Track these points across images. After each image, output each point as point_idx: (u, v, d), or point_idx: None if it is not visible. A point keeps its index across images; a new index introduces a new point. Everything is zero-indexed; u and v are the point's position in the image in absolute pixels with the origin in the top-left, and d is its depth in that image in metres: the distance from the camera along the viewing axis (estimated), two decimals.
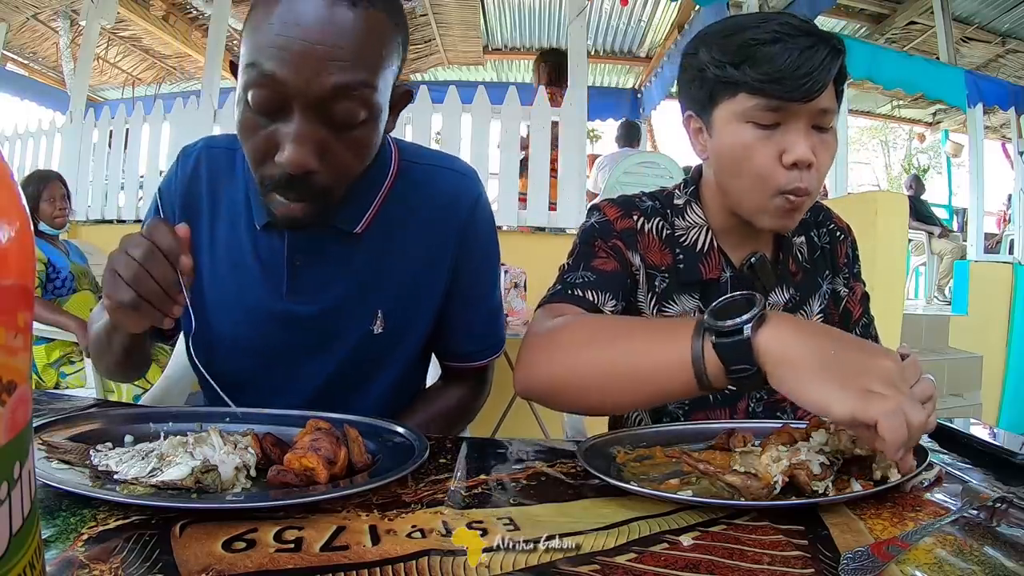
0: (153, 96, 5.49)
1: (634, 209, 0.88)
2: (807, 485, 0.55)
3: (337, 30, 0.65)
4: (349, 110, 0.67)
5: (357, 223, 0.81)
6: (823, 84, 0.72)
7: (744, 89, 0.74)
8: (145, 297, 0.63)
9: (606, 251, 0.84)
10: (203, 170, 0.86)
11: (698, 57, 0.79)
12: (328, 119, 0.67)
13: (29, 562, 0.26)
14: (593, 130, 7.47)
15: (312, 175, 0.68)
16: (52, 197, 2.49)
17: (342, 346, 0.84)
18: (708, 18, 4.18)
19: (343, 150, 0.69)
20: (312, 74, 0.64)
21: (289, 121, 0.66)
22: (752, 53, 0.73)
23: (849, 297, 0.95)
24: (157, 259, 0.63)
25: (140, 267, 0.62)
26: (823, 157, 0.77)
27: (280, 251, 0.81)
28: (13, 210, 0.26)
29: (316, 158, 0.67)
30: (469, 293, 0.90)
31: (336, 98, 0.66)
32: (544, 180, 3.04)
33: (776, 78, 0.72)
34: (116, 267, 0.63)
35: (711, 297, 0.85)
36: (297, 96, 0.65)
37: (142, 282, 0.62)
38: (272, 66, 0.64)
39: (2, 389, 0.24)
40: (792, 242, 0.90)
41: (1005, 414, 3.87)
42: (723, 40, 0.76)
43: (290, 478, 0.54)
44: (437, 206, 0.85)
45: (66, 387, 2.33)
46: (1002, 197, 6.51)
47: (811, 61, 0.71)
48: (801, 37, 0.72)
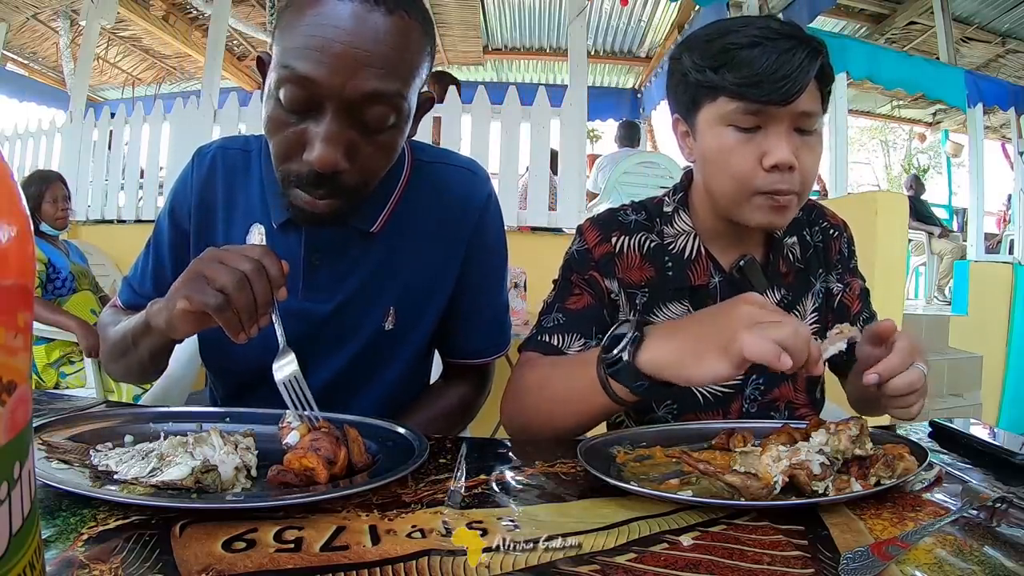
0: (153, 96, 5.50)
1: (615, 229, 0.88)
2: (807, 485, 0.55)
3: (374, 36, 0.66)
4: (381, 115, 0.68)
5: (374, 222, 0.82)
6: (801, 86, 0.73)
7: (724, 93, 0.75)
8: (236, 306, 0.62)
9: (581, 286, 0.87)
10: (219, 171, 0.87)
11: (682, 62, 0.80)
12: (359, 122, 0.68)
13: (29, 562, 0.26)
14: (593, 130, 7.48)
15: (339, 175, 0.69)
16: (54, 198, 2.49)
17: (354, 342, 0.85)
18: (708, 18, 4.18)
19: (371, 152, 0.70)
20: (348, 77, 0.65)
21: (320, 121, 0.67)
22: (731, 57, 0.74)
23: (844, 293, 0.95)
24: (262, 278, 0.63)
25: (244, 278, 0.62)
26: (806, 159, 0.77)
27: (297, 250, 0.82)
28: (13, 210, 0.26)
29: (345, 158, 0.68)
30: (478, 291, 0.91)
31: (369, 103, 0.67)
32: (544, 180, 3.04)
33: (754, 81, 0.73)
34: (209, 273, 0.62)
35: (701, 303, 0.85)
36: (331, 97, 0.66)
37: (241, 292, 0.62)
38: (308, 66, 0.65)
39: (2, 389, 0.24)
40: (783, 243, 0.90)
41: (1005, 414, 3.87)
42: (704, 44, 0.77)
43: (290, 478, 0.54)
44: (449, 205, 0.87)
45: (66, 387, 2.32)
46: (1002, 197, 6.52)
47: (789, 64, 0.72)
48: (780, 40, 0.73)
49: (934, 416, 0.81)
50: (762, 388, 0.88)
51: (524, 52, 6.46)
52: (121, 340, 0.82)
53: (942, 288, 5.49)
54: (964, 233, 5.50)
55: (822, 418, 0.69)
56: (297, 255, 0.82)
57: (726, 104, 0.76)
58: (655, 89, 6.29)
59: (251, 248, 0.65)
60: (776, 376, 0.87)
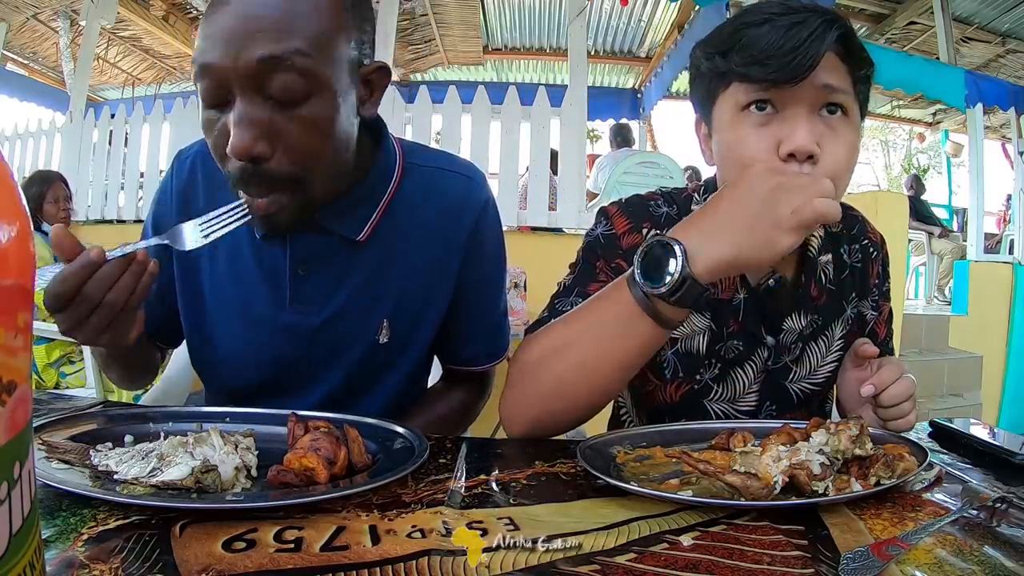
0: (153, 96, 5.49)
1: (645, 220, 0.82)
2: (807, 485, 0.55)
3: (263, 2, 0.63)
4: (286, 83, 0.64)
5: (360, 231, 0.78)
6: (812, 59, 0.64)
7: (734, 77, 0.70)
8: (96, 327, 0.62)
9: (606, 274, 0.80)
10: (199, 175, 0.84)
11: (695, 54, 0.75)
12: (269, 98, 0.64)
13: (29, 562, 0.26)
14: (593, 130, 7.48)
15: (266, 163, 0.66)
16: (56, 198, 2.51)
17: (347, 357, 0.82)
18: (708, 18, 4.18)
19: (297, 131, 0.66)
20: (238, 50, 0.62)
21: (233, 108, 0.65)
22: (739, 38, 0.68)
23: (876, 319, 0.90)
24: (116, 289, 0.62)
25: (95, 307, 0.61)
26: (832, 147, 0.68)
27: (282, 260, 0.79)
28: (13, 210, 0.26)
29: (264, 142, 0.64)
30: (476, 299, 0.88)
31: (268, 72, 0.63)
32: (544, 180, 3.04)
33: (759, 59, 0.66)
34: (48, 303, 0.61)
35: (723, 319, 0.80)
36: (231, 78, 0.63)
37: (101, 319, 0.62)
38: (204, 54, 0.63)
39: (2, 389, 0.24)
40: (817, 262, 0.83)
41: (1005, 414, 3.87)
42: (716, 32, 0.73)
43: (290, 478, 0.54)
44: (443, 212, 0.82)
45: (66, 387, 2.32)
46: (1002, 197, 6.51)
47: (797, 36, 0.64)
48: (790, 15, 0.66)
49: (934, 416, 0.81)
50: (774, 414, 0.84)
51: (524, 52, 6.46)
52: (99, 353, 0.83)
53: (942, 288, 5.49)
54: (964, 233, 5.49)
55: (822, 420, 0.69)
56: (282, 265, 0.79)
57: (737, 90, 0.70)
58: (655, 89, 6.29)
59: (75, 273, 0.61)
60: (788, 401, 0.84)
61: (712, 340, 0.81)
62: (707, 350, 0.81)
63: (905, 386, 0.70)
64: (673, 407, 0.83)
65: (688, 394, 0.82)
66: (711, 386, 0.82)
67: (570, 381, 0.69)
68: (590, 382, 0.68)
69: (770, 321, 0.82)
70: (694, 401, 0.82)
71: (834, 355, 0.85)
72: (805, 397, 0.85)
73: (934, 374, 3.33)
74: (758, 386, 0.83)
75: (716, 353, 0.81)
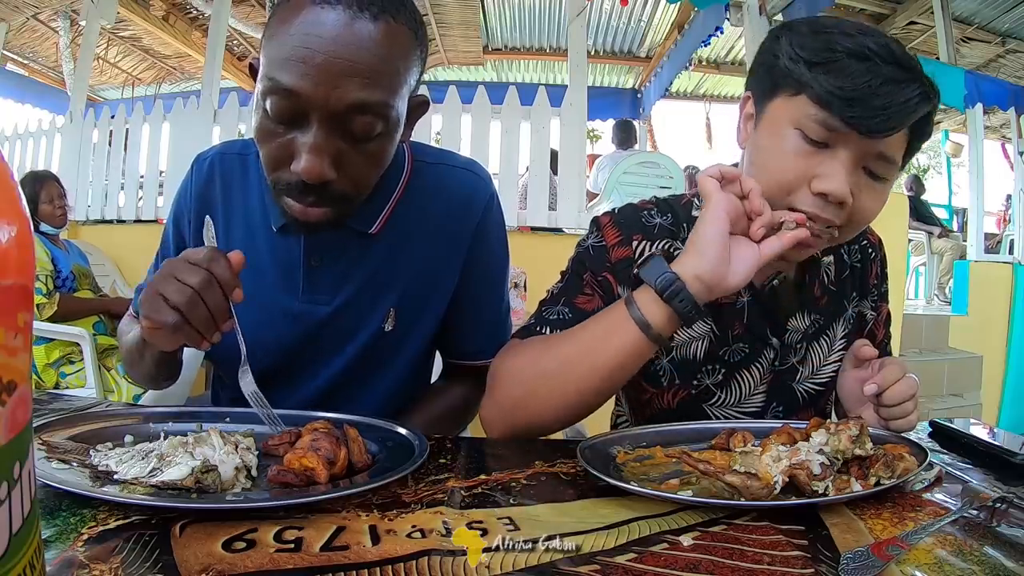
0: (153, 96, 5.50)
1: (636, 232, 0.81)
2: (807, 485, 0.55)
3: (358, 44, 0.65)
4: (367, 124, 0.68)
5: (372, 224, 0.82)
6: (897, 126, 0.64)
7: (808, 94, 0.66)
8: (192, 323, 0.63)
9: (592, 287, 0.80)
10: (217, 176, 0.87)
11: (779, 43, 0.71)
12: (345, 131, 0.68)
13: (29, 562, 0.26)
14: (593, 130, 7.48)
15: (328, 184, 0.69)
16: (50, 196, 2.51)
17: (354, 344, 0.85)
18: (708, 18, 4.18)
19: (359, 161, 0.70)
20: (331, 88, 0.64)
21: (307, 131, 0.67)
22: (833, 59, 0.65)
23: (875, 320, 0.91)
24: (213, 288, 0.63)
25: (195, 294, 0.62)
26: (866, 200, 0.68)
27: (297, 252, 0.82)
28: (13, 210, 0.26)
29: (332, 168, 0.68)
30: (479, 292, 0.91)
31: (355, 113, 0.66)
32: (544, 180, 3.04)
33: (848, 96, 0.63)
34: (163, 291, 0.63)
35: (727, 324, 0.80)
36: (315, 108, 0.65)
37: (194, 308, 0.63)
38: (291, 78, 0.64)
39: (2, 389, 0.24)
40: (820, 262, 0.84)
41: (1005, 414, 3.87)
42: (809, 35, 0.68)
43: (290, 478, 0.54)
44: (451, 207, 0.86)
45: (66, 387, 2.32)
46: (1002, 197, 6.52)
47: (896, 95, 0.63)
48: (893, 66, 0.63)
49: (934, 416, 0.81)
50: (780, 416, 0.84)
51: (524, 52, 6.46)
52: (129, 350, 0.84)
53: (942, 288, 5.49)
54: (964, 233, 5.50)
55: (822, 419, 0.69)
56: (297, 257, 0.82)
57: (805, 106, 0.67)
58: (655, 89, 6.29)
59: (199, 254, 0.65)
60: (794, 402, 0.85)
61: (714, 345, 0.81)
62: (709, 355, 0.81)
63: (908, 386, 0.70)
64: (671, 412, 0.83)
65: (686, 399, 0.83)
66: (712, 391, 0.82)
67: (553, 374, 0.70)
68: (565, 387, 0.69)
69: (775, 322, 0.82)
70: (693, 406, 0.83)
71: (836, 355, 0.86)
72: (810, 397, 0.86)
73: (934, 374, 3.33)
74: (765, 387, 0.83)
75: (719, 358, 0.81)
